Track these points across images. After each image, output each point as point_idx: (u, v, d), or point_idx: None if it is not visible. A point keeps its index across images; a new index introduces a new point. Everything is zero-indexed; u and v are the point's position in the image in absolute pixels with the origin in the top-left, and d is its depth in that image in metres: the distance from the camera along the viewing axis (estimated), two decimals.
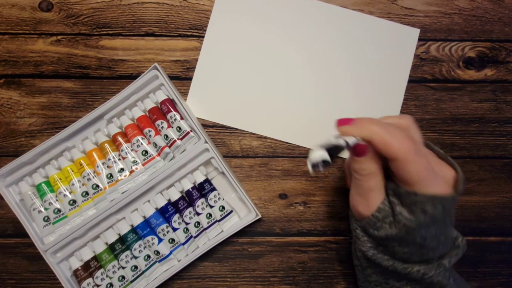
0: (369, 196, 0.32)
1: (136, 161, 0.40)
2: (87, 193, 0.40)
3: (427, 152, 0.32)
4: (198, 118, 0.44)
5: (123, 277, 0.39)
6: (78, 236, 0.40)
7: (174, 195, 0.41)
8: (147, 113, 0.42)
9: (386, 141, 0.28)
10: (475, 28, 0.44)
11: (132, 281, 0.40)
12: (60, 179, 0.40)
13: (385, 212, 0.31)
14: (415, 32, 0.44)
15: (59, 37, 0.44)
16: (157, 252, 0.40)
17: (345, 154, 0.43)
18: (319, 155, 0.27)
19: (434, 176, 0.29)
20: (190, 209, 0.41)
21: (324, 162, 0.27)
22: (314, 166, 0.28)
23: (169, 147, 0.40)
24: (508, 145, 0.44)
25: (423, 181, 0.28)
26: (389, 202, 0.31)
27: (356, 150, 0.30)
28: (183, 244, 0.40)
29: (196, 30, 0.44)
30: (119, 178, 0.40)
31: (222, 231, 0.41)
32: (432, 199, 0.28)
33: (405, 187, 0.29)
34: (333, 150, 0.28)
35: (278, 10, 0.44)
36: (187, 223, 0.41)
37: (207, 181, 0.41)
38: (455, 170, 0.31)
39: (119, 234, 0.40)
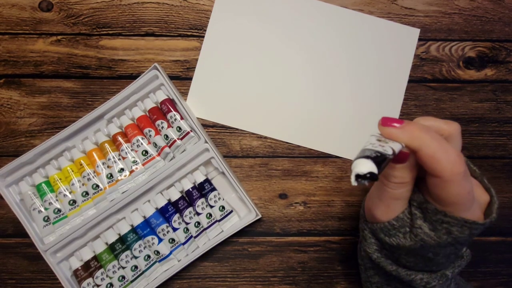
0: (391, 204, 0.29)
1: (136, 161, 0.40)
2: (87, 193, 0.40)
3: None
4: (198, 118, 0.44)
5: (123, 277, 0.39)
6: (78, 236, 0.40)
7: (174, 195, 0.41)
8: (147, 113, 0.42)
9: (437, 157, 0.25)
10: (475, 28, 0.44)
11: (132, 281, 0.40)
12: (60, 179, 0.40)
13: (403, 222, 0.29)
14: (415, 32, 0.44)
15: (59, 37, 0.44)
16: (157, 252, 0.40)
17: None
18: (366, 167, 0.22)
19: (471, 202, 0.26)
20: (190, 209, 0.41)
21: (372, 175, 0.22)
22: (359, 177, 0.23)
23: (169, 147, 0.40)
24: (508, 145, 0.44)
25: (461, 206, 0.26)
26: (410, 213, 0.29)
27: (397, 157, 0.26)
28: (183, 244, 0.40)
29: (196, 30, 0.44)
30: (119, 178, 0.40)
31: (222, 231, 0.41)
32: (462, 223, 0.26)
33: (435, 204, 0.27)
34: (380, 161, 0.23)
35: (278, 10, 0.44)
36: (187, 223, 0.41)
37: (207, 181, 0.41)
38: (490, 194, 0.29)
39: (119, 234, 0.40)
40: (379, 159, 0.23)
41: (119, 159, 0.41)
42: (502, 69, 0.44)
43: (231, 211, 0.42)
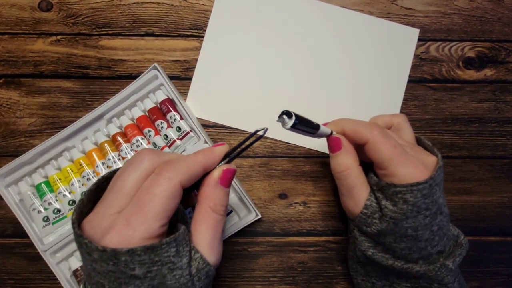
0: (354, 194, 0.33)
1: None
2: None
3: (411, 141, 0.34)
4: (198, 118, 0.44)
5: None
6: None
7: None
8: (147, 113, 0.42)
9: (356, 128, 0.32)
10: (475, 28, 0.44)
11: None
12: (59, 179, 0.40)
13: (373, 208, 0.32)
14: (415, 32, 0.44)
15: (58, 37, 0.43)
16: None
17: None
18: (289, 113, 0.28)
19: (405, 156, 0.30)
20: (190, 209, 0.41)
21: (287, 113, 0.28)
22: (282, 115, 0.28)
23: (169, 147, 0.40)
24: (507, 145, 0.44)
25: (395, 160, 0.30)
26: (376, 198, 0.32)
27: (331, 144, 0.33)
28: None
29: (196, 30, 0.44)
30: None
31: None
32: (410, 188, 0.29)
33: (384, 179, 0.31)
34: (303, 118, 0.29)
35: (278, 10, 0.44)
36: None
37: None
38: (434, 154, 0.32)
39: None
40: (303, 118, 0.29)
41: (118, 159, 0.41)
42: (502, 69, 0.44)
43: (231, 211, 0.42)
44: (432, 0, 0.44)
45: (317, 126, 0.31)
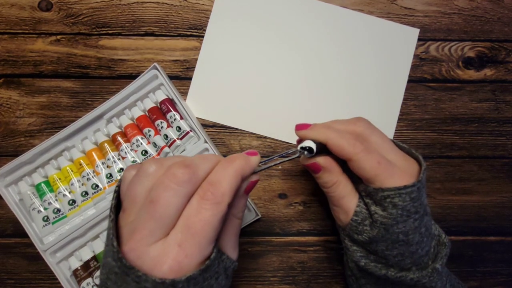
0: (343, 203, 0.33)
1: (136, 161, 0.40)
2: (86, 193, 0.40)
3: (389, 149, 0.32)
4: (197, 118, 0.44)
5: None
6: (78, 236, 0.40)
7: None
8: (147, 113, 0.42)
9: (339, 144, 0.31)
10: (475, 28, 0.44)
11: None
12: (59, 179, 0.40)
13: (363, 215, 0.32)
14: (415, 32, 0.44)
15: (58, 36, 0.43)
16: None
17: None
18: (309, 143, 0.32)
19: (390, 170, 0.30)
20: None
21: (310, 149, 0.31)
22: (302, 149, 0.32)
23: (169, 147, 0.40)
24: (507, 145, 0.44)
25: (380, 176, 0.30)
26: (365, 204, 0.32)
27: (311, 169, 0.33)
28: None
29: (195, 30, 0.44)
30: (119, 177, 0.40)
31: None
32: (398, 191, 0.29)
33: (371, 185, 0.31)
34: (317, 145, 0.32)
35: (278, 10, 0.44)
36: None
37: None
38: (418, 162, 0.32)
39: None
40: (318, 145, 0.32)
41: (118, 159, 0.41)
42: (502, 69, 0.44)
43: None
44: (432, 0, 0.44)
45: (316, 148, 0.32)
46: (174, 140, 0.40)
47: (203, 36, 0.44)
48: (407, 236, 0.30)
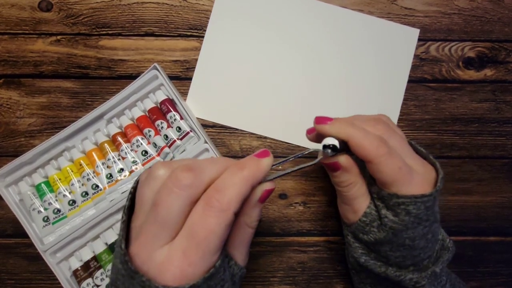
0: (354, 203, 0.32)
1: (136, 161, 0.40)
2: (86, 193, 0.40)
3: (408, 153, 0.31)
4: (198, 118, 0.44)
5: None
6: (78, 236, 0.40)
7: None
8: (147, 113, 0.42)
9: (362, 144, 0.29)
10: (475, 28, 0.44)
11: None
12: (59, 179, 0.40)
13: (372, 216, 0.31)
14: (415, 32, 0.44)
15: (58, 37, 0.43)
16: None
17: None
18: (332, 141, 0.30)
19: (409, 176, 0.29)
20: None
21: (334, 147, 0.29)
22: (325, 147, 0.30)
23: (169, 147, 0.40)
24: (507, 145, 0.44)
25: (399, 182, 0.29)
26: (375, 206, 0.32)
27: (331, 167, 0.32)
28: None
29: (196, 30, 0.44)
30: (119, 178, 0.40)
31: None
32: (414, 199, 0.28)
33: (386, 189, 0.30)
34: (340, 143, 0.30)
35: (278, 10, 0.44)
36: None
37: None
38: (435, 169, 0.31)
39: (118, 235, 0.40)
40: (340, 142, 0.30)
41: (118, 159, 0.41)
42: (502, 69, 0.44)
43: None
44: (432, 0, 0.44)
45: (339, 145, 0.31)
46: (174, 141, 0.40)
47: (203, 36, 0.44)
48: (413, 241, 0.30)
